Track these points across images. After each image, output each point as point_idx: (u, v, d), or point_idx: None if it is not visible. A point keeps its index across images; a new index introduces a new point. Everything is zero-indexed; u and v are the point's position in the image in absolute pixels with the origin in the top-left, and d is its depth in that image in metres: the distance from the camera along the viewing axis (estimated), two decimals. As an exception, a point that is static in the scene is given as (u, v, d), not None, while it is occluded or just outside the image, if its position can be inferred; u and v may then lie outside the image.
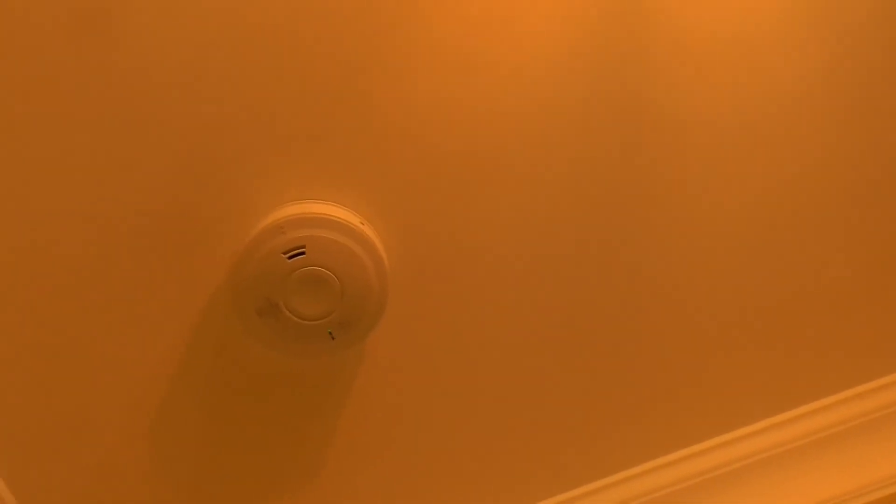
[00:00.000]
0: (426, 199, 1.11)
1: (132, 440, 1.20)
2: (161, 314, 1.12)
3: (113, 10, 0.95)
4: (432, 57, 1.03)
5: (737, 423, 1.32)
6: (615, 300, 1.20)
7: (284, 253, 1.05)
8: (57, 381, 1.14)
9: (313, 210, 1.07)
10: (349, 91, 1.04)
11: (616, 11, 1.05)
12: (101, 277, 1.09)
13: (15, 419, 1.15)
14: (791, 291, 1.24)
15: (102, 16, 0.95)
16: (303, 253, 1.05)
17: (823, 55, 1.09)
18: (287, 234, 1.05)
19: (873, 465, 1.28)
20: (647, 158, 1.13)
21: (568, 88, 1.08)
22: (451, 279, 1.16)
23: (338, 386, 1.20)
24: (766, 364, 1.29)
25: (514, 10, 1.02)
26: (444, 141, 1.08)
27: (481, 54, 1.04)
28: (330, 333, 1.10)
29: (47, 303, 1.09)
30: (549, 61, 1.06)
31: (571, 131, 1.10)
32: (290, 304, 1.07)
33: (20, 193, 1.02)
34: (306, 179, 1.08)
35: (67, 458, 1.19)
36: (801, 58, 1.10)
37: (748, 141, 1.13)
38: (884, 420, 1.31)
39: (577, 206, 1.14)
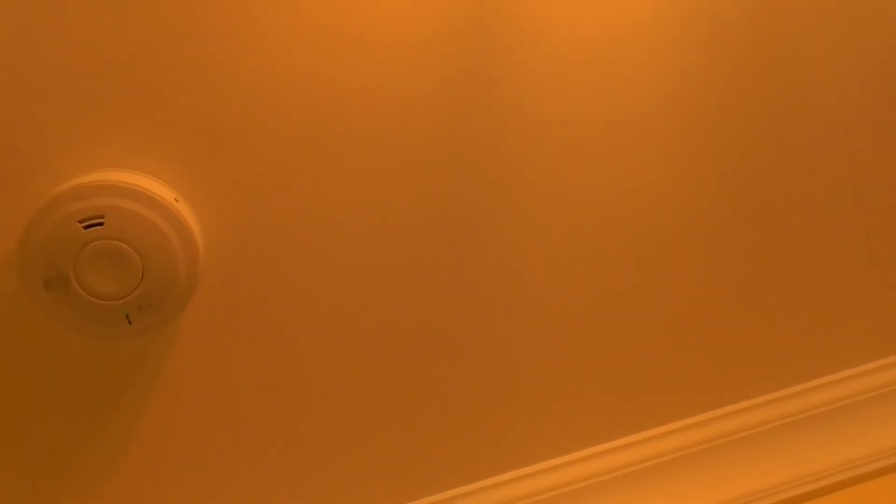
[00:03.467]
0: (253, 180, 1.03)
1: None
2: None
3: None
4: (271, 24, 0.96)
5: (576, 446, 1.27)
6: (460, 301, 1.14)
7: (80, 221, 0.95)
8: None
9: (120, 178, 0.97)
10: (175, 53, 0.95)
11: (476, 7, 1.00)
12: None
13: None
14: (645, 309, 1.20)
15: None
16: (101, 223, 0.95)
17: (689, 57, 1.06)
18: (85, 201, 0.95)
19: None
20: (503, 156, 1.07)
21: (418, 74, 1.01)
22: (276, 268, 1.08)
23: (143, 373, 1.10)
24: (609, 385, 1.24)
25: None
26: (279, 119, 1.00)
27: (331, 27, 0.97)
28: (126, 316, 1.00)
29: None
30: (402, 42, 0.99)
31: (420, 119, 1.04)
32: (81, 279, 0.97)
33: None
34: (121, 146, 0.99)
35: None
36: (666, 61, 1.06)
37: (608, 144, 1.09)
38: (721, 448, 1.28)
39: (423, 199, 1.08)
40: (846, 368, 1.29)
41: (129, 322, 1.01)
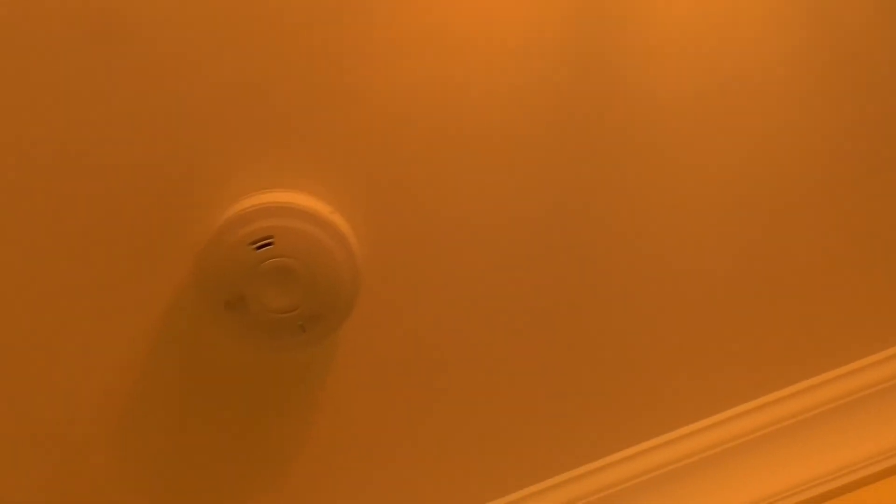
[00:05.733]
0: (398, 185, 1.08)
1: (100, 438, 1.17)
2: (127, 308, 1.09)
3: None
4: (402, 40, 1.00)
5: (718, 407, 1.31)
6: (594, 286, 1.18)
7: (252, 244, 1.02)
8: (21, 381, 1.11)
9: (281, 199, 1.03)
10: (317, 77, 1.00)
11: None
12: (66, 272, 1.05)
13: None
14: (766, 276, 1.22)
15: None
16: (270, 243, 1.02)
17: (804, 33, 1.08)
18: (254, 224, 1.02)
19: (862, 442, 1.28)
20: (628, 131, 1.10)
21: (536, 67, 1.04)
22: (426, 266, 1.13)
23: (311, 378, 1.18)
24: (745, 347, 1.27)
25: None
26: (415, 126, 1.05)
27: (452, 34, 1.01)
28: (301, 326, 1.07)
29: (8, 301, 1.06)
30: (521, 38, 1.03)
31: (544, 115, 1.07)
32: (258, 297, 1.04)
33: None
34: (274, 168, 1.05)
35: (34, 458, 1.16)
36: (783, 36, 1.08)
37: (731, 114, 1.11)
38: (863, 401, 1.30)
39: (553, 191, 1.12)
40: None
41: (304, 330, 1.08)
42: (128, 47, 0.95)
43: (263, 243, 1.02)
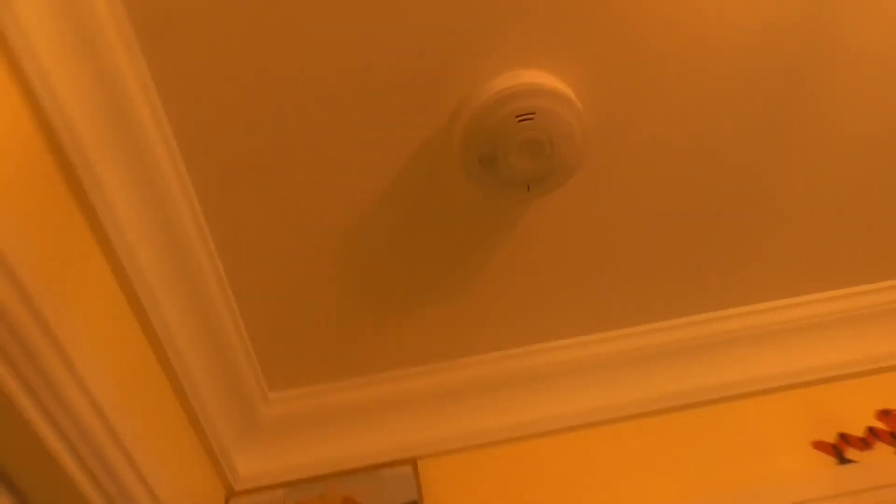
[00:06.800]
0: (628, 77, 1.29)
1: (334, 237, 1.41)
2: (392, 137, 1.29)
3: None
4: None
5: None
6: (755, 178, 1.49)
7: (517, 116, 1.23)
8: (286, 175, 1.31)
9: (544, 82, 1.23)
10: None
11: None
12: (367, 101, 1.24)
13: (242, 206, 1.34)
14: None
15: None
16: (531, 118, 1.23)
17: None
18: (521, 101, 1.22)
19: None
20: (813, 81, 1.34)
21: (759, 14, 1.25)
22: (634, 146, 1.38)
23: (505, 222, 1.44)
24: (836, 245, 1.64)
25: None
26: (652, 33, 1.25)
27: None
28: (528, 187, 1.31)
29: (297, 116, 1.24)
30: None
31: (759, 47, 1.29)
32: (507, 158, 1.26)
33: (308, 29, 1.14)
34: (538, 50, 1.23)
35: (278, 244, 1.40)
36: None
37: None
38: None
39: (741, 106, 1.36)
40: None
41: (528, 190, 1.32)
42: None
43: (525, 117, 1.23)
